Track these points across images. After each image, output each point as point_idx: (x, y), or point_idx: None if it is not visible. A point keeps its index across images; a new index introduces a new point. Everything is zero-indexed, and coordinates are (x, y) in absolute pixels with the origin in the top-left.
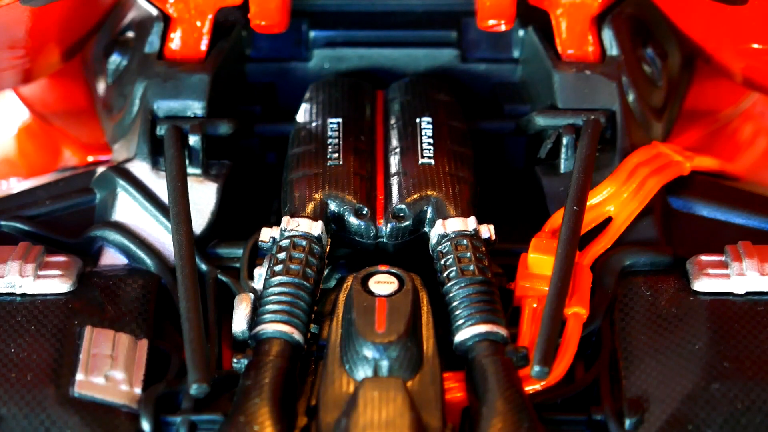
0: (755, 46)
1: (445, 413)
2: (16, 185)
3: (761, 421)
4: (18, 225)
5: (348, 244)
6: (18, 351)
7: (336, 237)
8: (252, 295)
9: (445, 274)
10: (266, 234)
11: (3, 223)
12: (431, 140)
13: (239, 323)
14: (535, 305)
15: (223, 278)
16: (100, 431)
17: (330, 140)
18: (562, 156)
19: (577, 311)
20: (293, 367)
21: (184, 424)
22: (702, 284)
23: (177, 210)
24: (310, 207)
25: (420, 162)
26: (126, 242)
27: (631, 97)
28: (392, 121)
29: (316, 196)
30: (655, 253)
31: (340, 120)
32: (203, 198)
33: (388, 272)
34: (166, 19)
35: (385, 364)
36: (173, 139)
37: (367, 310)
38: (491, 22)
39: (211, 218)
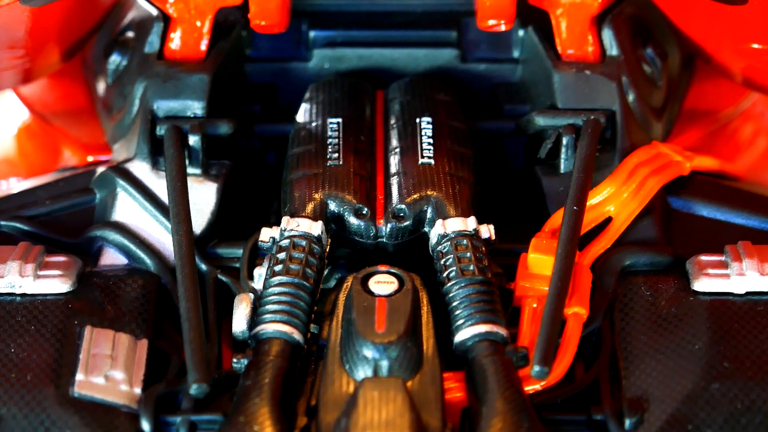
0: (755, 46)
1: (445, 413)
2: (16, 185)
3: (761, 421)
4: (18, 225)
5: (348, 244)
6: (18, 351)
7: (336, 237)
8: (252, 295)
9: (445, 274)
10: (266, 234)
11: (3, 223)
12: (431, 140)
13: (239, 323)
14: (535, 305)
15: (223, 278)
16: (100, 431)
17: (330, 140)
18: (562, 156)
19: (577, 311)
20: (293, 367)
21: (184, 424)
22: (702, 284)
23: (177, 210)
24: (310, 207)
25: (420, 162)
26: (126, 242)
27: (631, 97)
28: (392, 121)
29: (316, 196)
30: (655, 253)
31: (340, 120)
32: (203, 198)
33: (388, 272)
34: (166, 19)
35: (385, 364)
36: (173, 139)
37: (367, 310)
38: (491, 22)
39: (211, 218)
